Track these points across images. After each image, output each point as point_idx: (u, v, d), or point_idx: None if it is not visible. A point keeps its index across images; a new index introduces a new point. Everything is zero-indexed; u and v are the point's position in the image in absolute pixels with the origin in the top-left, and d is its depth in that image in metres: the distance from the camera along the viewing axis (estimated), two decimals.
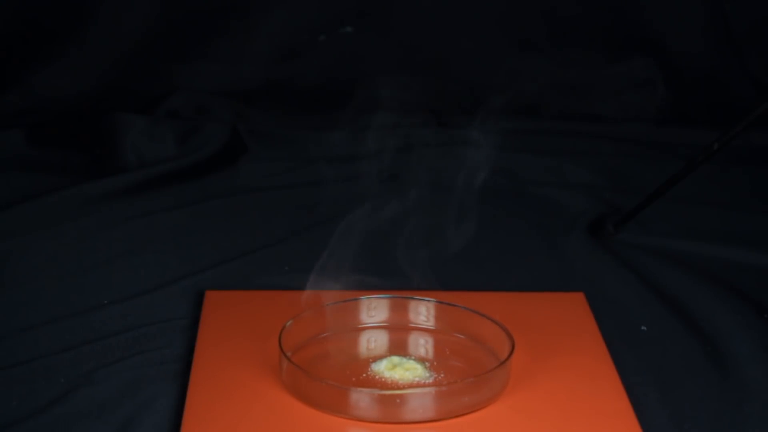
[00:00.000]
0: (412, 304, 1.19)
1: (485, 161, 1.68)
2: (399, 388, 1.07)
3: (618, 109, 1.86)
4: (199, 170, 1.63)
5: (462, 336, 1.17)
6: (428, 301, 1.18)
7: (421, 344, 1.17)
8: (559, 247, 1.44)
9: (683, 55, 1.90)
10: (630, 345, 1.20)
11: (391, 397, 1.03)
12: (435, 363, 1.13)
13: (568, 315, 1.22)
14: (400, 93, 1.77)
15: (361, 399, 1.03)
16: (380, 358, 1.13)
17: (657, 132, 1.79)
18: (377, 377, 1.10)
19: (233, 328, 1.18)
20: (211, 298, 1.24)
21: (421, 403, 1.03)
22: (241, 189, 1.59)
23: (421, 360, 1.13)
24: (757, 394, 1.12)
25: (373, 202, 1.33)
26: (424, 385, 1.08)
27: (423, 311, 1.19)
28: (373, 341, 1.17)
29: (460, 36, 1.88)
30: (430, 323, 1.19)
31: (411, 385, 1.08)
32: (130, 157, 1.66)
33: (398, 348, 1.16)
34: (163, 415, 1.07)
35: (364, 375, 1.10)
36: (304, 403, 1.05)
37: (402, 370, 1.10)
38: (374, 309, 1.19)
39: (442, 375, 1.11)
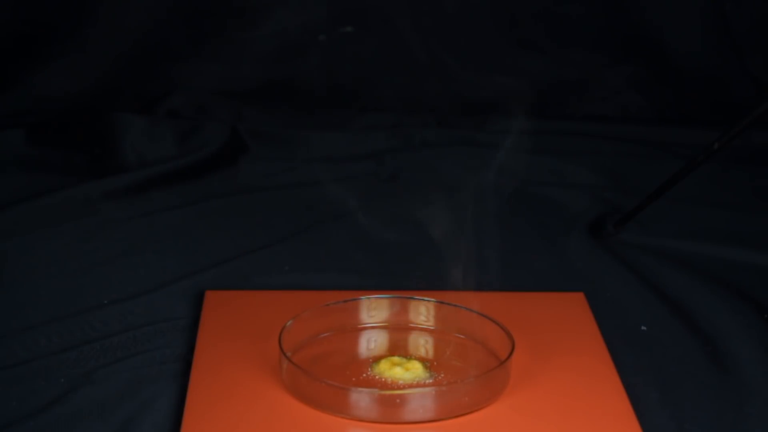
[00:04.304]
0: (412, 304, 1.19)
1: (485, 161, 1.69)
2: (399, 388, 1.07)
3: (618, 109, 1.86)
4: (199, 170, 1.63)
5: (462, 336, 1.17)
6: (428, 301, 1.18)
7: (421, 344, 1.17)
8: (559, 247, 1.43)
9: (683, 55, 1.90)
10: (630, 345, 1.20)
11: (391, 397, 1.03)
12: (435, 363, 1.13)
13: (568, 315, 1.22)
14: (400, 93, 1.77)
15: (361, 399, 1.03)
16: (380, 358, 1.13)
17: (657, 132, 1.79)
18: (377, 377, 1.10)
19: (233, 328, 1.18)
20: (211, 298, 1.24)
21: (421, 403, 1.03)
22: (241, 189, 1.59)
23: (421, 360, 1.13)
24: (757, 394, 1.12)
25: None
26: (424, 385, 1.08)
27: (423, 311, 1.19)
28: (373, 341, 1.17)
29: (459, 35, 1.88)
30: (430, 323, 1.19)
31: (411, 385, 1.08)
32: (130, 157, 1.66)
33: (398, 348, 1.16)
34: (163, 415, 1.07)
35: (364, 375, 1.10)
36: (304, 403, 1.05)
37: (402, 371, 1.10)
38: (374, 309, 1.19)
39: (442, 375, 1.11)
